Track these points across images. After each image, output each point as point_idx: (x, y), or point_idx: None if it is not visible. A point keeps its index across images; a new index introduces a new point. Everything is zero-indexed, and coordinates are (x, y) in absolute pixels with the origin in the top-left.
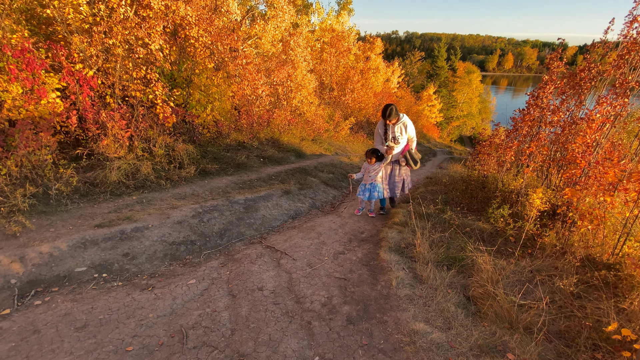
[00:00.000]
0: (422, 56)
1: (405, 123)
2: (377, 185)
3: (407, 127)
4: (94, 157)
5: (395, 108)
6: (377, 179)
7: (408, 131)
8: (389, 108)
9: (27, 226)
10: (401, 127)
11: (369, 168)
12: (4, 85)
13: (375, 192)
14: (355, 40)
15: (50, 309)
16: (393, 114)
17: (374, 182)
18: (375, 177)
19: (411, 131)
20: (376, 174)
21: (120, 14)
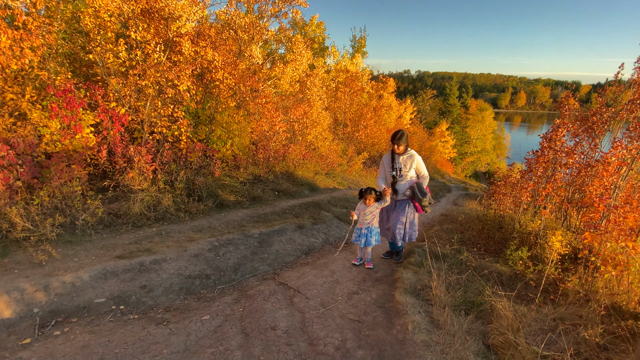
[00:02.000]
0: (434, 94)
1: (413, 156)
2: (373, 229)
3: (415, 161)
4: (119, 189)
5: (406, 135)
6: (374, 223)
7: (415, 165)
8: (400, 132)
9: (53, 255)
10: (407, 159)
11: (364, 210)
12: (44, 121)
13: (372, 238)
14: (369, 79)
15: (69, 340)
16: (403, 139)
17: (370, 225)
18: (372, 220)
19: (421, 167)
20: (373, 217)
21: (154, 59)
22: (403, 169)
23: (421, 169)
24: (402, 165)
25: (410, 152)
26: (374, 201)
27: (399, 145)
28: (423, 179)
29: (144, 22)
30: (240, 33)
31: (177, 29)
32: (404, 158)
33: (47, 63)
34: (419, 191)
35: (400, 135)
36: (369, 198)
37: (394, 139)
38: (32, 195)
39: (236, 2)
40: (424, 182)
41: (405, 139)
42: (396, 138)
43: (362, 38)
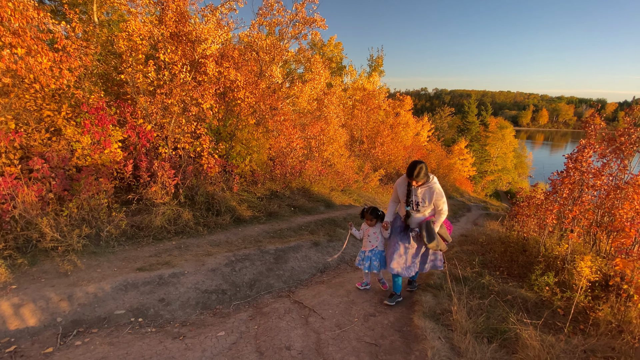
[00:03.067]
0: (452, 111)
1: (433, 188)
2: (379, 253)
3: (435, 195)
4: (142, 202)
5: (426, 167)
6: (380, 245)
7: (435, 200)
8: (418, 166)
9: (78, 265)
10: (425, 192)
11: (368, 231)
12: (77, 137)
13: (376, 262)
14: (386, 97)
15: (89, 350)
16: (422, 175)
17: (375, 248)
18: (377, 242)
19: (440, 200)
20: (377, 238)
21: (180, 79)
22: (421, 204)
23: (440, 202)
24: (420, 200)
25: (429, 183)
26: (377, 222)
27: (417, 182)
28: (440, 214)
29: (173, 44)
30: (261, 54)
31: (203, 51)
32: (422, 191)
33: (82, 82)
34: (426, 233)
35: (419, 170)
36: (371, 218)
37: (411, 175)
38: (62, 207)
39: (258, 25)
40: (439, 218)
41: (425, 173)
42: (414, 174)
43: (380, 57)
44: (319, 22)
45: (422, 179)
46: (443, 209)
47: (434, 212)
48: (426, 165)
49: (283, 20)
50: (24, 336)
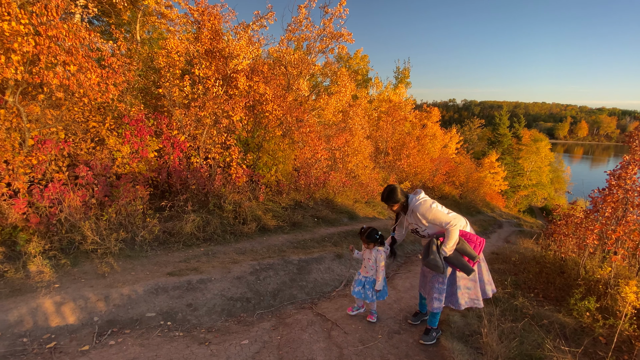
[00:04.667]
0: (482, 123)
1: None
2: (373, 281)
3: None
4: (174, 209)
5: (395, 189)
6: (377, 276)
7: (425, 219)
8: (386, 189)
9: (115, 268)
10: (413, 217)
11: (365, 252)
12: (118, 146)
13: (369, 291)
14: (412, 109)
15: (121, 350)
16: (393, 197)
17: (369, 275)
18: (374, 271)
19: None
20: (372, 265)
21: (213, 93)
22: (419, 228)
23: (434, 219)
24: (416, 225)
25: (411, 206)
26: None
27: (391, 206)
28: (447, 230)
29: (207, 60)
30: (289, 68)
31: (235, 66)
32: (410, 216)
33: (124, 96)
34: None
35: (388, 194)
36: (367, 242)
37: (383, 200)
38: (102, 212)
39: (287, 40)
40: (448, 235)
41: (399, 195)
42: (384, 198)
43: (406, 69)
44: (345, 36)
45: (395, 201)
46: (445, 223)
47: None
48: (400, 188)
49: (311, 35)
50: (63, 333)
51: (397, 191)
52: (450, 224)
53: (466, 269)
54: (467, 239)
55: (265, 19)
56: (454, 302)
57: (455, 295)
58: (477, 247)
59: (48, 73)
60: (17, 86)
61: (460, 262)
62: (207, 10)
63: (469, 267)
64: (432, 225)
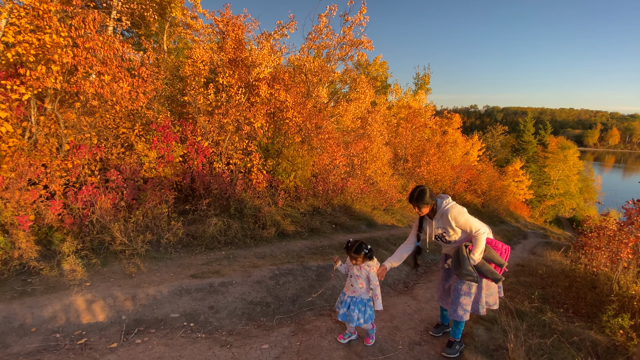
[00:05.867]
0: (505, 130)
1: (445, 211)
2: (360, 302)
3: (450, 217)
4: (197, 213)
5: (429, 192)
6: (362, 292)
7: (455, 223)
8: (418, 189)
9: (141, 269)
10: (439, 221)
11: (352, 269)
12: (146, 151)
13: (354, 313)
14: (432, 115)
15: (147, 349)
16: (424, 198)
17: (356, 295)
18: (361, 290)
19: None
20: (362, 287)
21: (236, 100)
22: (446, 234)
23: (464, 224)
24: (443, 230)
25: (442, 210)
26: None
27: (419, 208)
28: (475, 238)
29: (230, 69)
30: (309, 76)
31: (257, 75)
32: (438, 220)
33: (152, 104)
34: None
35: (419, 194)
36: (356, 257)
37: (411, 200)
38: (130, 214)
39: (307, 48)
40: (476, 242)
41: (428, 197)
42: (413, 198)
43: (426, 75)
44: (365, 43)
45: (426, 203)
46: (474, 229)
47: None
48: (430, 190)
49: (331, 43)
50: (93, 330)
51: (428, 192)
52: (480, 231)
53: (494, 276)
54: (493, 246)
55: (286, 28)
56: (476, 308)
57: (478, 303)
58: (502, 255)
59: (85, 82)
60: (55, 95)
61: (488, 269)
62: (232, 20)
63: (497, 274)
64: (460, 231)
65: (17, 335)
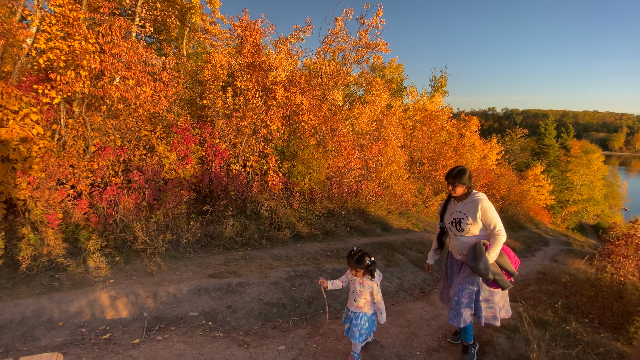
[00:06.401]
0: (525, 133)
1: (478, 202)
2: (363, 317)
3: (481, 208)
4: (214, 214)
5: (468, 172)
6: (367, 309)
7: (483, 216)
8: (458, 168)
9: (162, 267)
10: (469, 206)
11: (354, 283)
12: (166, 153)
13: (356, 329)
14: (449, 118)
15: (168, 346)
16: (462, 177)
17: (359, 310)
18: (365, 304)
19: (491, 217)
20: (365, 301)
21: (253, 104)
22: (464, 221)
23: (490, 219)
24: (464, 215)
25: (474, 197)
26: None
27: (454, 186)
28: (495, 237)
29: (248, 73)
30: (325, 79)
31: (274, 78)
32: (465, 205)
33: (172, 107)
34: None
35: (458, 172)
36: (357, 269)
37: (449, 176)
38: (151, 214)
39: (323, 52)
40: (494, 242)
41: (467, 178)
42: (452, 175)
43: (443, 78)
44: (381, 46)
45: (463, 183)
46: (497, 228)
47: (486, 235)
48: (470, 172)
49: (347, 46)
50: (117, 326)
51: (468, 173)
52: (501, 232)
53: (503, 283)
54: (507, 254)
55: (302, 32)
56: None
57: (480, 310)
58: (513, 264)
59: (111, 87)
60: (83, 99)
61: (499, 273)
62: (250, 25)
63: (506, 280)
64: (480, 225)
65: (45, 329)
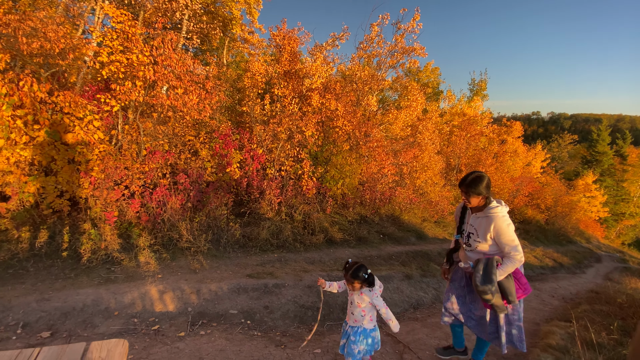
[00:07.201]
0: (575, 139)
1: (492, 217)
2: (361, 333)
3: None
4: (251, 216)
5: (487, 181)
6: (366, 323)
7: (496, 235)
8: (473, 174)
9: (204, 265)
10: (482, 221)
11: (352, 295)
12: (208, 157)
13: (354, 346)
14: (489, 123)
15: (210, 341)
16: (478, 187)
17: (358, 325)
18: (363, 317)
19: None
20: (363, 314)
21: (289, 110)
22: (473, 236)
23: (505, 239)
24: (474, 230)
25: (489, 212)
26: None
27: (468, 196)
28: (509, 259)
29: (285, 80)
30: (359, 85)
31: (310, 85)
32: (478, 219)
33: (215, 114)
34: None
35: (473, 179)
36: (353, 283)
37: (462, 184)
38: (195, 215)
39: (358, 58)
40: (507, 264)
41: (484, 187)
42: (465, 183)
43: (482, 81)
44: (418, 50)
45: (478, 194)
46: (512, 250)
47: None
48: (488, 180)
49: (382, 51)
50: (164, 318)
51: (485, 181)
52: (518, 255)
53: (500, 308)
54: (517, 279)
55: (338, 38)
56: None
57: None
58: (519, 292)
59: (162, 95)
60: (137, 106)
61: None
62: (288, 34)
63: (503, 306)
64: (485, 240)
65: (103, 317)
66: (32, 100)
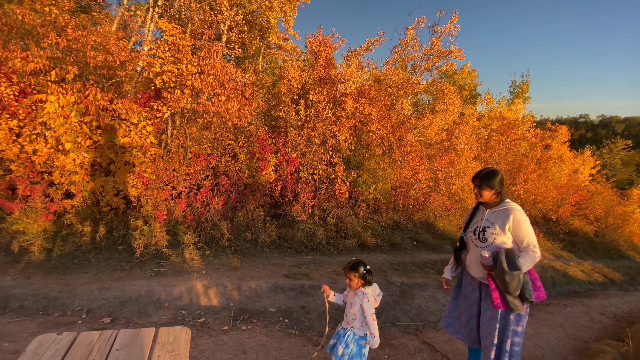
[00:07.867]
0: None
1: (510, 211)
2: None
3: (513, 219)
4: (286, 218)
5: (499, 175)
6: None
7: (512, 226)
8: (487, 169)
9: (243, 263)
10: (498, 215)
11: (348, 296)
12: (247, 161)
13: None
14: (531, 127)
15: (252, 336)
16: (491, 181)
17: (348, 327)
18: (354, 320)
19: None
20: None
21: (323, 115)
22: (489, 229)
23: (524, 233)
24: (490, 224)
25: (506, 205)
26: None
27: (480, 189)
28: (528, 253)
29: (319, 86)
30: (393, 89)
31: (344, 90)
32: (493, 212)
33: (253, 119)
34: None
35: (488, 173)
36: (350, 276)
37: (475, 178)
38: (234, 215)
39: (392, 61)
40: (527, 257)
41: (498, 182)
42: (479, 176)
43: (524, 83)
44: (455, 52)
45: (491, 188)
46: (532, 244)
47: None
48: (502, 176)
49: (417, 54)
50: (209, 312)
51: (500, 176)
52: (537, 248)
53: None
54: (532, 280)
55: (373, 43)
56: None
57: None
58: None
59: (208, 103)
60: (184, 113)
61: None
62: (323, 41)
63: (520, 305)
64: (504, 232)
65: (155, 308)
66: (96, 107)
